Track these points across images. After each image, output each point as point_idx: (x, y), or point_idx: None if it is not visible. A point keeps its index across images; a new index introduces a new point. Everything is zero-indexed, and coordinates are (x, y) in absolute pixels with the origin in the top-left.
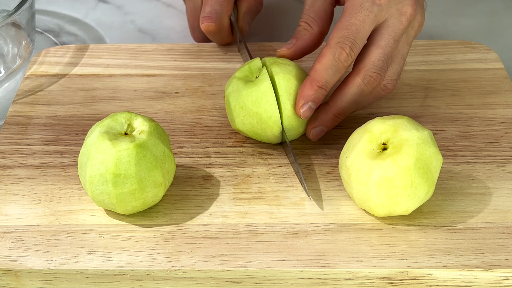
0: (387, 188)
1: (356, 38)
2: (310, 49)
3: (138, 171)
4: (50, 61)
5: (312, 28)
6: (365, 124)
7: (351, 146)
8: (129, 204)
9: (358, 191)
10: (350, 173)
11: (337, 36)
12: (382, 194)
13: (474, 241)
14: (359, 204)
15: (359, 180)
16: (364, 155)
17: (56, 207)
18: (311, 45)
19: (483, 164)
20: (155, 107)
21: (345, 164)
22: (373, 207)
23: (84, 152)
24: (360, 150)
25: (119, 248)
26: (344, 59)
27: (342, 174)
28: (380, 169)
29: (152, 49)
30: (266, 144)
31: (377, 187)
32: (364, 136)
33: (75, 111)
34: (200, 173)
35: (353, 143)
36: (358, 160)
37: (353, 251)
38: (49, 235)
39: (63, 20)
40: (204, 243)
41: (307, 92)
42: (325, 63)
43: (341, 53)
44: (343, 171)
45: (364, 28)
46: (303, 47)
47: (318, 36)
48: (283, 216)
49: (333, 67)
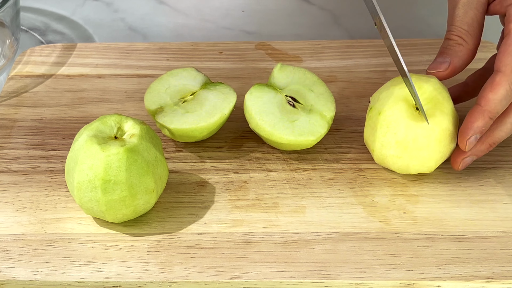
0: (419, 149)
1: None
2: (465, 66)
3: (129, 177)
4: (36, 61)
5: (467, 42)
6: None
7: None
8: (119, 211)
9: (386, 144)
10: (387, 124)
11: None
12: (413, 152)
13: (483, 250)
14: (379, 157)
15: (395, 133)
16: (404, 110)
17: (42, 215)
18: (467, 63)
19: (493, 169)
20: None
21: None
22: (398, 162)
23: (72, 157)
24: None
25: (109, 258)
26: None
27: (369, 123)
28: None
29: (143, 48)
30: (263, 149)
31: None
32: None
33: (62, 113)
34: (194, 179)
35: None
36: (396, 113)
37: (356, 262)
38: (35, 245)
39: (49, 17)
40: (198, 253)
41: (477, 124)
42: (500, 94)
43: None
44: (374, 119)
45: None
46: (460, 66)
47: (473, 52)
48: (282, 224)
49: (508, 98)
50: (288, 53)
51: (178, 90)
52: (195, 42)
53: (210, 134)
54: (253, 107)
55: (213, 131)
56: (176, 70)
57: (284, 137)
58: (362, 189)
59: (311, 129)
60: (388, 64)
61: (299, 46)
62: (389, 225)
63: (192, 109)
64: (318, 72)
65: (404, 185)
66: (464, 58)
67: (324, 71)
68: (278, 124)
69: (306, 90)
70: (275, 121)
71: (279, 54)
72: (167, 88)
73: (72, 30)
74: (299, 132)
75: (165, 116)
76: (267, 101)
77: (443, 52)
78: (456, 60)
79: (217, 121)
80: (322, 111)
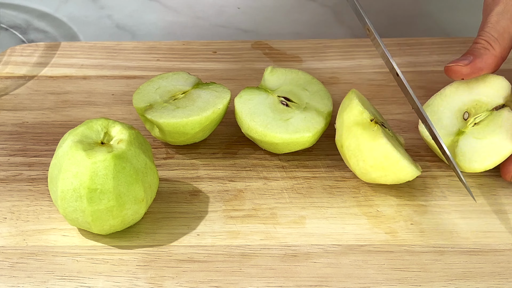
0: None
1: None
2: (487, 70)
3: (117, 186)
4: (17, 61)
5: (494, 48)
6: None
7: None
8: (106, 222)
9: (364, 170)
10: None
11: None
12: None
13: (496, 264)
14: (368, 180)
15: (364, 160)
16: (359, 134)
17: (24, 226)
18: (489, 67)
19: None
20: (135, 113)
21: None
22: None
23: (55, 164)
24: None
25: (95, 272)
26: None
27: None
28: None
29: (131, 47)
30: (260, 155)
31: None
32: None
33: (44, 117)
34: (187, 187)
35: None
36: (353, 142)
37: (359, 276)
38: (16, 258)
39: (31, 14)
40: (191, 267)
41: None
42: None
43: None
44: (341, 150)
45: None
46: (480, 67)
47: (498, 60)
48: (280, 236)
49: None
50: (286, 53)
51: (168, 90)
52: (187, 41)
53: (203, 134)
54: (243, 110)
55: (206, 129)
56: (167, 74)
57: (277, 135)
58: (366, 198)
59: (307, 126)
60: None
61: (298, 46)
62: (395, 237)
63: (183, 105)
64: (319, 73)
65: (411, 194)
66: (487, 62)
67: (325, 72)
68: (271, 124)
69: (299, 89)
70: (268, 121)
71: (277, 54)
72: (157, 89)
73: (55, 28)
74: (294, 129)
75: (154, 111)
76: (258, 103)
77: (467, 53)
78: (478, 60)
79: (209, 116)
80: (318, 107)
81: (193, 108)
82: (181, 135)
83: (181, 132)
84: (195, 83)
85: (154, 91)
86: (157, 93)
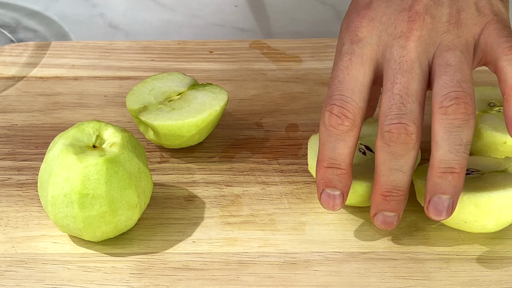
0: None
1: (342, 91)
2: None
3: (109, 191)
4: (5, 61)
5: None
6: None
7: None
8: (98, 229)
9: None
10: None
11: (325, 99)
12: None
13: (504, 272)
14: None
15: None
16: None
17: (12, 233)
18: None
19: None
20: (129, 116)
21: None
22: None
23: (46, 168)
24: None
25: (87, 281)
26: (336, 122)
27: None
28: None
29: (125, 47)
30: (258, 159)
31: None
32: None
33: (34, 120)
34: (182, 192)
35: None
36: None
37: (361, 285)
38: (4, 266)
39: (20, 13)
40: (186, 275)
41: (318, 178)
42: (320, 138)
43: (330, 118)
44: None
45: (350, 76)
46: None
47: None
48: (279, 243)
49: (330, 137)
50: (286, 53)
51: (163, 91)
52: (182, 41)
53: (199, 136)
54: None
55: (202, 132)
56: (162, 74)
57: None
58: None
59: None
60: None
61: (298, 45)
62: (398, 244)
63: (179, 107)
64: (320, 73)
65: (415, 198)
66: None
67: (326, 72)
68: None
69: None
70: None
71: (276, 53)
72: (151, 90)
73: (45, 27)
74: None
75: (148, 113)
76: None
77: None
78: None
79: (206, 118)
80: None
81: (189, 110)
82: (177, 138)
83: (177, 135)
84: (191, 84)
85: (148, 92)
86: (152, 94)
